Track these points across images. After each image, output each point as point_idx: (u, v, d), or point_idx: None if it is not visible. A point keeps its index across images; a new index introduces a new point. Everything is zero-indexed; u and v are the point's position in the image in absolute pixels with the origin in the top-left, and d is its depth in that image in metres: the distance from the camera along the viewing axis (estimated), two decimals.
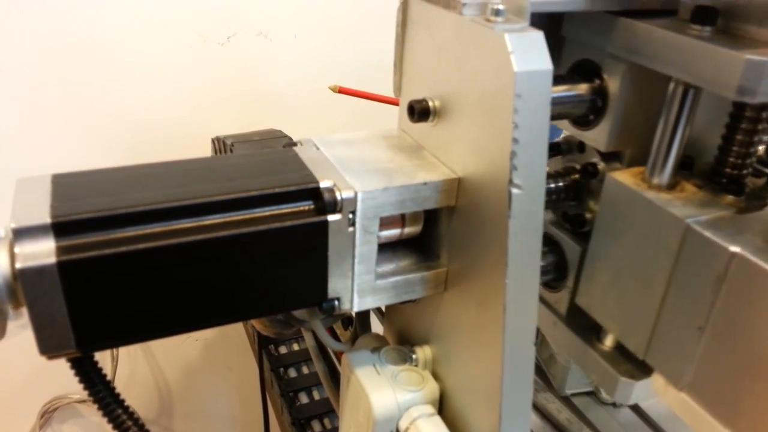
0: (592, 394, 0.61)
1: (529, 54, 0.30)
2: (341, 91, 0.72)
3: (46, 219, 0.29)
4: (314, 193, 0.33)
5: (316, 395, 0.69)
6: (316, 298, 0.35)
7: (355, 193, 0.33)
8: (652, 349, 0.35)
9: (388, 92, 0.69)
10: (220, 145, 0.69)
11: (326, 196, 0.33)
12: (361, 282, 0.36)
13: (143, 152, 0.84)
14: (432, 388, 0.39)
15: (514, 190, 0.31)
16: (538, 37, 0.30)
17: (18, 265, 0.28)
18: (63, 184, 0.32)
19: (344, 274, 0.35)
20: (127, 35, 0.81)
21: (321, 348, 0.53)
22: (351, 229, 0.34)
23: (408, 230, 0.38)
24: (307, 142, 0.39)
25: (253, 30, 0.91)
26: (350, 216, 0.34)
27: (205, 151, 0.76)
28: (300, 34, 0.92)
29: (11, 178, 0.32)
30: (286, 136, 0.68)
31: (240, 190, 0.32)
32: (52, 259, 0.28)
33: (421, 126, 0.38)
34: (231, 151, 0.65)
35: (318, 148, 0.38)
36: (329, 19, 0.93)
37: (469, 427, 0.38)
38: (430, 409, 0.38)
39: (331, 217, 0.33)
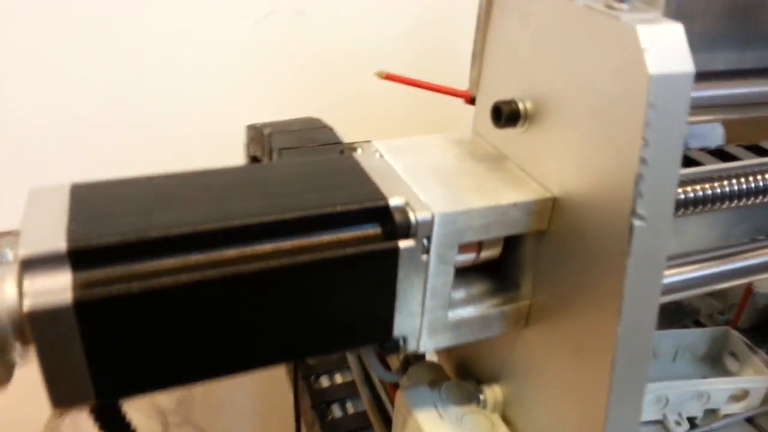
0: (660, 423, 0.56)
1: (667, 52, 0.24)
2: (388, 77, 0.66)
3: (61, 245, 0.23)
4: (382, 214, 0.28)
5: (350, 408, 0.64)
6: (379, 336, 0.30)
7: (432, 215, 0.27)
8: None
9: (442, 80, 0.62)
10: (256, 133, 0.63)
11: (397, 217, 0.27)
12: (432, 319, 0.30)
13: (172, 139, 0.79)
14: None
15: (637, 222, 0.25)
16: (677, 30, 0.24)
17: (27, 304, 0.23)
18: (83, 199, 0.26)
19: (413, 310, 0.29)
20: (153, 10, 0.75)
21: (366, 374, 0.48)
22: (425, 257, 0.28)
23: (484, 255, 0.32)
24: (368, 147, 0.33)
25: (292, 7, 0.85)
26: (425, 242, 0.28)
27: (239, 138, 0.71)
28: (343, 12, 0.86)
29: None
30: (326, 126, 0.62)
31: (295, 209, 0.27)
32: (67, 297, 0.23)
33: (506, 132, 0.32)
34: (269, 141, 0.59)
35: (382, 156, 0.32)
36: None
37: None
38: None
39: (402, 244, 0.27)
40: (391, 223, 0.27)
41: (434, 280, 0.29)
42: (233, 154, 0.77)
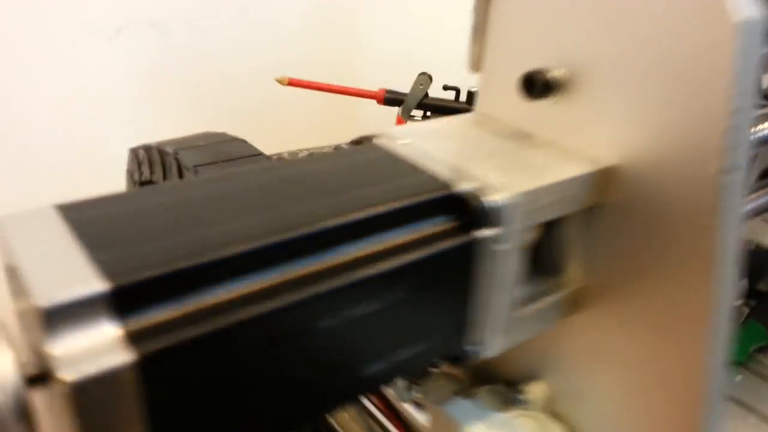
0: None
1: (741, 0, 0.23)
2: (292, 83, 0.61)
3: (95, 284, 0.16)
4: (455, 202, 0.24)
5: None
6: (454, 346, 0.26)
7: (511, 197, 0.24)
8: None
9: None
10: (149, 155, 0.55)
11: (474, 204, 0.24)
12: (502, 317, 0.27)
13: (30, 174, 0.66)
14: None
15: (727, 177, 0.24)
16: None
17: (69, 378, 0.15)
18: (85, 222, 0.19)
19: (485, 310, 0.26)
20: None
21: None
22: (500, 246, 0.25)
23: (528, 239, 0.29)
24: (388, 135, 0.29)
25: (145, 21, 0.76)
26: (501, 229, 0.24)
27: (118, 165, 0.61)
28: (202, 24, 0.79)
29: None
30: (236, 138, 0.56)
31: (363, 206, 0.22)
32: (124, 356, 0.16)
33: (528, 107, 0.30)
34: (175, 159, 0.51)
35: (409, 143, 0.28)
36: (239, 7, 0.80)
37: None
38: None
39: (480, 234, 0.24)
40: (467, 212, 0.24)
41: (506, 271, 0.26)
42: (109, 181, 0.66)
